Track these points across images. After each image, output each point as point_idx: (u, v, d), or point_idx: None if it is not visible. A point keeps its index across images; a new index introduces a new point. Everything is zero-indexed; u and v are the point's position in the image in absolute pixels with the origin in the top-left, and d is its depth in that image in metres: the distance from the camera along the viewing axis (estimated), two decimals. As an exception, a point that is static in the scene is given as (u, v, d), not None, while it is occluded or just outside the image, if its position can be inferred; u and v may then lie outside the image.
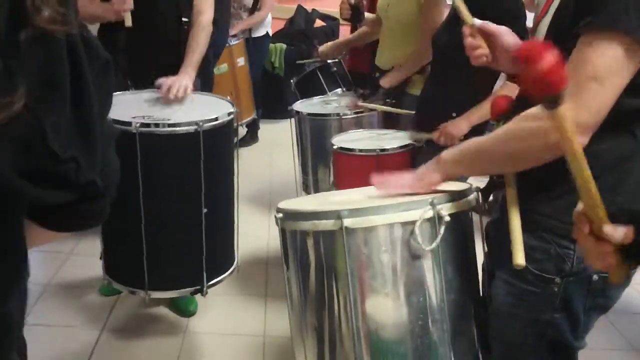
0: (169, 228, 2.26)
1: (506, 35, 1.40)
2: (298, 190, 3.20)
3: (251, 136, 5.23)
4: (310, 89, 3.44)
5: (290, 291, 1.49)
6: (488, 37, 1.41)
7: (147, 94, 2.46)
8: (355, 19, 3.25)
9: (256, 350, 2.56)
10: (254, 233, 3.46)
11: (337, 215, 1.26)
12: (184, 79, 2.38)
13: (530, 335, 1.34)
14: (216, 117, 2.19)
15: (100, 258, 2.44)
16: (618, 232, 0.83)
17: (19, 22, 0.66)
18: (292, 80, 3.60)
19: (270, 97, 5.50)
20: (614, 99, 1.11)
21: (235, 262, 2.49)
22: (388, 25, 2.96)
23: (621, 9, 1.08)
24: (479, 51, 1.42)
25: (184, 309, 2.75)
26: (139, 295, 2.33)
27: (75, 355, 2.46)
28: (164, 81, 2.35)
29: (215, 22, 2.68)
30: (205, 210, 2.21)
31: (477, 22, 1.46)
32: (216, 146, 2.24)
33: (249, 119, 4.81)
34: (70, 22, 0.70)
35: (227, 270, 2.43)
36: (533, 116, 1.14)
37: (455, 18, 2.43)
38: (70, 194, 0.75)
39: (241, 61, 4.76)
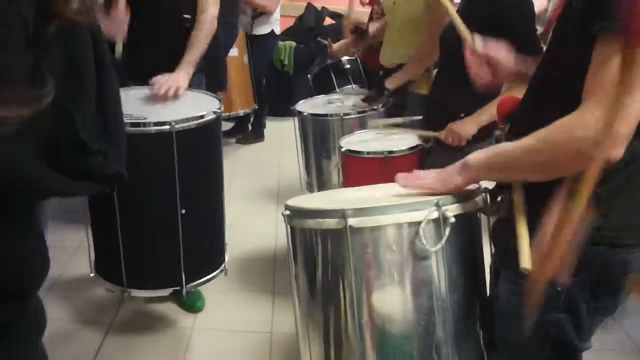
0: (144, 228, 2.26)
1: (504, 52, 1.46)
2: (304, 189, 3.21)
3: (256, 135, 5.23)
4: (324, 85, 3.46)
5: (297, 287, 1.50)
6: (490, 58, 1.44)
7: (135, 91, 2.46)
8: (359, 38, 3.29)
9: (263, 347, 2.57)
10: (262, 230, 3.48)
11: (341, 214, 1.27)
12: (179, 77, 2.38)
13: (534, 335, 1.33)
14: (191, 117, 2.14)
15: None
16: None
17: (48, 15, 0.67)
18: (309, 76, 3.61)
19: (280, 94, 5.52)
20: None
21: (223, 264, 2.47)
22: (394, 24, 2.95)
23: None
24: (483, 73, 1.46)
25: (191, 305, 2.77)
26: (118, 292, 2.34)
27: (82, 350, 2.48)
28: (158, 80, 2.34)
29: (224, 17, 2.68)
30: (183, 211, 2.19)
31: (479, 43, 1.49)
32: (195, 146, 2.20)
33: (236, 112, 4.80)
34: (94, 15, 0.71)
35: (211, 272, 2.41)
36: (565, 127, 1.13)
37: (463, 16, 2.42)
38: (98, 186, 0.76)
39: (245, 58, 4.79)
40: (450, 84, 2.44)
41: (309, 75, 3.61)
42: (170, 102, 2.38)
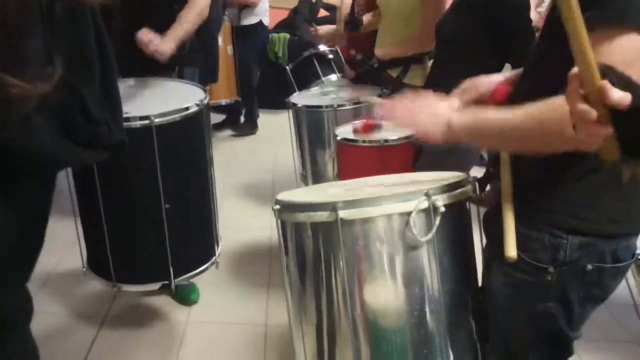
0: (130, 223, 2.23)
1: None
2: (299, 181, 3.21)
3: (250, 126, 5.23)
4: (306, 76, 3.45)
5: (289, 281, 1.50)
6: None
7: (119, 84, 2.43)
8: (353, 28, 3.27)
9: (258, 340, 2.58)
10: (257, 223, 3.48)
11: (332, 207, 1.27)
12: (163, 44, 2.37)
13: (526, 325, 1.34)
14: (172, 110, 2.11)
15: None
16: (615, 92, 0.77)
17: None
18: (287, 67, 3.60)
19: (274, 87, 5.50)
20: None
21: (214, 257, 2.44)
22: (388, 16, 2.94)
23: (630, 2, 1.07)
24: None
25: (185, 298, 2.77)
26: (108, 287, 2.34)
27: (77, 343, 2.49)
28: (145, 34, 2.33)
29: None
30: (167, 205, 2.16)
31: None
32: (178, 139, 2.17)
33: (218, 101, 4.80)
34: None
35: (201, 265, 2.38)
36: (555, 106, 1.12)
37: (459, 6, 2.42)
38: (104, 153, 0.82)
39: (229, 50, 4.78)
40: (445, 73, 2.43)
41: (287, 67, 3.59)
42: (155, 95, 2.36)
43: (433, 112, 1.34)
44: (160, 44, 2.36)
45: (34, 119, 0.72)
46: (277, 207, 1.42)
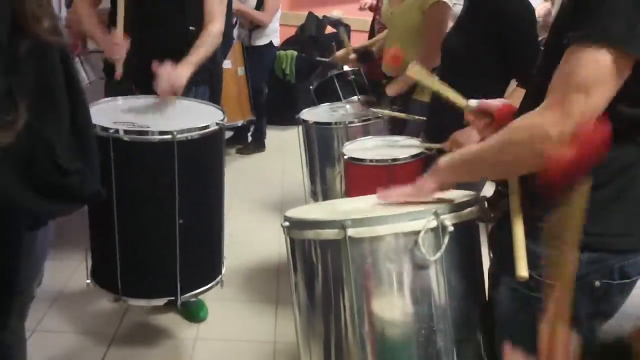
0: (142, 237, 2.24)
1: (497, 102, 1.57)
2: (308, 198, 3.21)
3: (257, 145, 5.24)
4: (327, 95, 3.46)
5: (297, 298, 1.51)
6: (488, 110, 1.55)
7: (140, 100, 2.46)
8: (363, 60, 3.29)
9: (266, 357, 2.57)
10: (266, 240, 3.48)
11: (340, 224, 1.27)
12: (182, 75, 2.39)
13: (534, 341, 1.33)
14: (193, 127, 2.14)
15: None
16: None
17: (19, 34, 0.66)
18: (310, 86, 3.61)
19: (282, 104, 5.54)
20: (602, 108, 1.13)
21: (219, 276, 2.44)
22: (393, 33, 2.97)
23: (607, 19, 1.09)
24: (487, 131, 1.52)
25: (194, 315, 2.77)
26: (114, 299, 2.32)
27: (86, 361, 2.49)
28: (161, 77, 2.35)
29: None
30: (180, 221, 2.17)
31: (473, 103, 1.58)
32: (196, 156, 2.20)
33: (233, 123, 4.83)
34: (62, 33, 0.70)
35: (208, 283, 2.38)
36: (525, 127, 1.18)
37: (463, 22, 2.43)
38: (77, 205, 0.76)
39: (240, 71, 4.81)
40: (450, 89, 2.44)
41: (310, 87, 3.61)
42: (174, 112, 2.39)
43: (424, 176, 1.42)
44: (174, 74, 2.39)
45: None
46: (286, 224, 1.43)
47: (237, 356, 2.57)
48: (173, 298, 2.27)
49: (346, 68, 3.58)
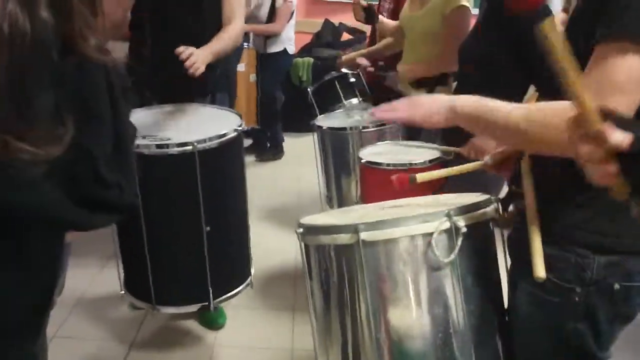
0: (171, 246, 2.28)
1: None
2: (324, 204, 3.21)
3: (274, 152, 5.25)
4: (327, 98, 3.47)
5: (313, 303, 1.51)
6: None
7: (157, 110, 2.49)
8: (369, 20, 3.28)
9: (284, 363, 2.58)
10: (283, 246, 3.48)
11: (354, 229, 1.27)
12: (202, 56, 2.35)
13: (553, 345, 1.32)
14: (213, 136, 2.16)
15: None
16: (615, 134, 0.78)
17: (67, 51, 0.68)
18: (309, 89, 3.63)
19: (298, 111, 5.54)
20: (635, 108, 1.10)
21: (249, 278, 2.48)
22: (411, 38, 2.96)
23: (634, 18, 1.07)
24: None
25: (212, 322, 2.78)
26: (148, 309, 2.37)
27: (106, 368, 2.51)
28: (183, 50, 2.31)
29: None
30: (207, 228, 2.20)
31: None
32: (218, 163, 2.22)
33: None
34: (108, 51, 0.72)
35: (238, 286, 2.43)
36: (559, 111, 1.11)
37: (482, 27, 2.42)
38: (116, 217, 0.77)
39: (252, 77, 4.83)
40: (468, 94, 2.43)
41: (308, 89, 3.61)
42: (192, 119, 2.41)
43: (433, 98, 1.35)
44: (196, 57, 2.34)
45: (42, 183, 0.68)
46: (300, 230, 1.43)
47: (256, 363, 2.58)
48: (206, 303, 2.30)
49: (344, 71, 3.59)
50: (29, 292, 0.79)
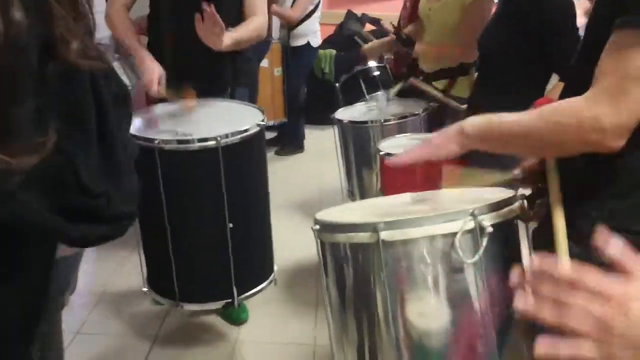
0: (195, 243, 2.27)
1: None
2: (345, 198, 3.18)
3: (295, 146, 5.20)
4: (353, 92, 3.43)
5: (330, 302, 1.47)
6: None
7: (176, 106, 2.48)
8: (406, 45, 3.24)
9: (307, 359, 2.54)
10: (304, 241, 3.43)
11: (373, 227, 1.22)
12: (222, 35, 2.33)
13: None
14: (235, 131, 2.14)
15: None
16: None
17: (48, 57, 0.65)
18: (336, 84, 3.59)
19: (320, 104, 5.50)
20: None
21: (272, 274, 2.47)
22: (431, 29, 2.91)
23: None
24: None
25: (235, 317, 2.77)
26: (169, 305, 2.37)
27: (128, 363, 2.51)
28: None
29: None
30: (230, 225, 2.19)
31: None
32: (241, 159, 2.20)
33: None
34: (92, 56, 0.69)
35: (261, 283, 2.41)
36: (575, 112, 1.11)
37: (501, 17, 2.36)
38: (103, 228, 0.74)
39: (277, 71, 4.78)
40: (490, 87, 2.38)
41: (336, 84, 3.57)
42: (214, 115, 2.40)
43: (443, 130, 1.32)
44: (220, 29, 2.32)
45: (20, 193, 0.65)
46: (317, 227, 1.39)
47: (277, 358, 2.56)
48: (230, 300, 2.29)
49: (372, 63, 3.53)
50: (17, 301, 0.76)
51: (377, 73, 3.40)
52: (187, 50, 2.53)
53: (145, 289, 2.43)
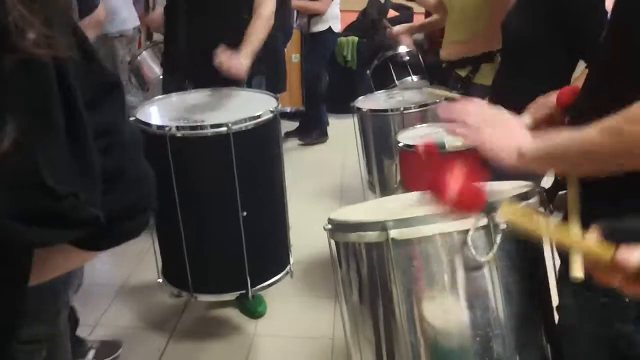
0: (207, 232, 2.24)
1: None
2: (365, 188, 3.12)
3: (319, 134, 5.13)
4: (384, 79, 3.37)
5: (345, 302, 1.44)
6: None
7: (193, 95, 2.46)
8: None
9: (324, 353, 2.52)
10: (324, 233, 3.41)
11: (382, 226, 1.18)
12: (240, 59, 2.36)
13: (602, 348, 1.21)
14: (247, 117, 2.12)
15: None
16: (633, 256, 0.76)
17: (2, 48, 0.60)
18: (367, 72, 3.53)
19: (343, 91, 5.43)
20: None
21: (288, 266, 2.42)
22: (453, 17, 2.83)
23: None
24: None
25: (252, 310, 2.74)
26: (186, 297, 2.35)
27: (146, 356, 2.51)
28: (221, 56, 2.32)
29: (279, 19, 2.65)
30: (244, 213, 2.15)
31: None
32: (253, 146, 2.16)
33: (283, 109, 4.80)
34: (57, 45, 0.63)
35: (277, 274, 2.38)
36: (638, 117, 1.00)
37: (525, 1, 2.28)
38: (73, 232, 0.69)
39: (294, 58, 4.74)
40: (513, 73, 2.30)
41: (367, 71, 3.52)
42: (228, 104, 2.37)
43: (506, 132, 1.21)
44: (236, 63, 2.35)
45: None
46: (329, 227, 1.36)
47: (295, 352, 2.53)
48: (244, 291, 2.26)
49: (403, 49, 3.46)
50: None
51: (407, 58, 3.33)
52: (201, 40, 2.50)
53: (160, 280, 2.41)
